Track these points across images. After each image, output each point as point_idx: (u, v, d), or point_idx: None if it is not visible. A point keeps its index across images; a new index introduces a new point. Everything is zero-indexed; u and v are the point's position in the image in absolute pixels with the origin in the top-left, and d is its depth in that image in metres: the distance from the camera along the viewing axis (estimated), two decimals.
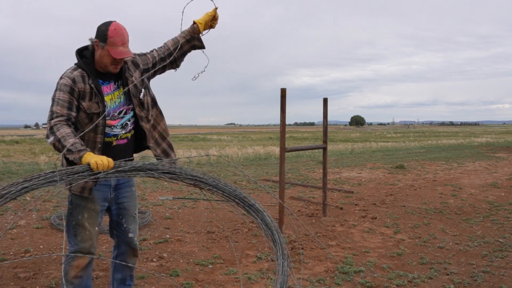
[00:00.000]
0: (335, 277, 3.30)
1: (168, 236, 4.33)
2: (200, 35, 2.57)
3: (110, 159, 2.09)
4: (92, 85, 2.31)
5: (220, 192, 2.23)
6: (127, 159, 2.25)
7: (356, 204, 6.20)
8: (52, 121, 2.22)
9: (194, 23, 2.55)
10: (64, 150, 2.14)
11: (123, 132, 2.45)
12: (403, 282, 3.22)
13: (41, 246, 3.94)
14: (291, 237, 4.38)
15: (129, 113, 2.46)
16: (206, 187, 2.23)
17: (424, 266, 3.59)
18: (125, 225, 2.62)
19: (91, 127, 2.28)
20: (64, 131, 2.19)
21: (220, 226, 4.79)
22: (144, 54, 2.55)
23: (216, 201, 6.26)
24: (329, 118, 5.44)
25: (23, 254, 3.70)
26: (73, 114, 2.28)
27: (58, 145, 2.20)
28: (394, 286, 3.15)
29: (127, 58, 2.42)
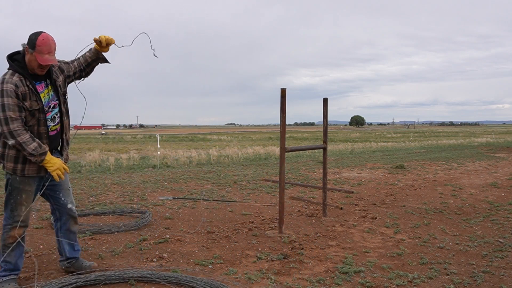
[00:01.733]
0: (335, 277, 3.30)
1: (168, 236, 4.33)
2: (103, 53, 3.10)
3: (65, 167, 2.79)
4: (30, 86, 2.75)
5: None
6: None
7: (356, 204, 6.20)
8: (11, 126, 2.64)
9: (94, 46, 3.06)
10: (26, 153, 2.66)
11: (53, 124, 2.93)
12: (403, 282, 3.22)
13: (41, 246, 3.94)
14: (291, 237, 4.38)
15: (56, 107, 2.95)
16: None
17: (424, 266, 3.59)
18: (63, 198, 3.09)
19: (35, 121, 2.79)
20: (25, 136, 2.67)
21: (220, 226, 4.79)
22: (68, 63, 3.06)
23: (216, 201, 6.27)
24: (329, 118, 5.44)
25: (23, 254, 3.70)
26: (23, 115, 2.70)
27: (19, 147, 2.67)
28: (394, 286, 3.15)
29: (58, 64, 2.95)
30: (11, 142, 2.66)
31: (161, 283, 3.03)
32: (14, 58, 2.78)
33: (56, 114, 2.95)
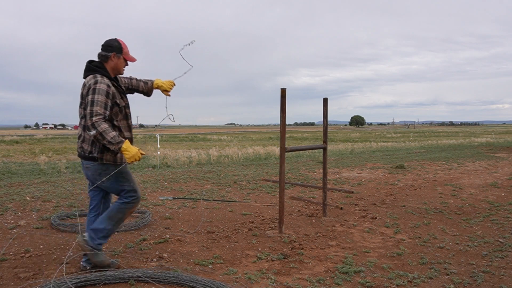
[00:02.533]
0: (335, 277, 3.30)
1: (168, 236, 4.33)
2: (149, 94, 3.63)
3: (138, 153, 3.04)
4: (117, 86, 3.19)
5: None
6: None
7: (356, 204, 6.20)
8: (94, 118, 2.94)
9: (153, 83, 3.57)
10: (105, 141, 2.95)
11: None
12: (403, 282, 3.22)
13: (41, 246, 3.94)
14: (291, 237, 4.38)
15: None
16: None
17: (424, 266, 3.59)
18: (110, 198, 3.56)
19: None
20: (104, 126, 2.95)
21: (220, 226, 4.79)
22: (123, 77, 3.45)
23: (216, 201, 6.27)
24: (329, 118, 5.44)
25: (23, 254, 3.70)
26: (107, 112, 3.04)
27: (99, 137, 2.94)
28: (394, 286, 3.15)
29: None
30: (92, 132, 2.94)
31: (161, 283, 3.03)
32: (93, 65, 3.16)
33: None
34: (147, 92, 3.60)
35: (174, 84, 3.59)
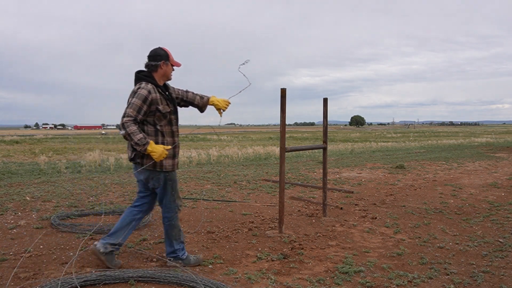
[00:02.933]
0: (335, 277, 3.30)
1: None
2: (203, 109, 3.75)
3: (164, 152, 3.17)
4: (162, 93, 3.32)
5: None
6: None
7: (356, 204, 6.20)
8: (124, 119, 3.12)
9: (208, 99, 3.70)
10: (132, 142, 3.11)
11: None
12: (403, 282, 3.22)
13: (41, 246, 3.94)
14: (291, 237, 4.38)
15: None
16: None
17: (424, 266, 3.59)
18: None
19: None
20: (133, 128, 3.10)
21: (220, 226, 4.79)
22: (177, 89, 3.63)
23: (216, 201, 6.26)
24: (329, 118, 5.44)
25: (23, 254, 3.70)
26: (140, 116, 3.18)
27: (128, 138, 3.11)
28: (394, 286, 3.15)
29: (167, 83, 3.51)
30: (121, 132, 3.13)
31: (161, 283, 3.03)
32: (142, 75, 3.34)
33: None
34: (201, 107, 3.72)
35: (229, 103, 3.73)
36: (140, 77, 3.34)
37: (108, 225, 4.58)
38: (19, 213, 5.28)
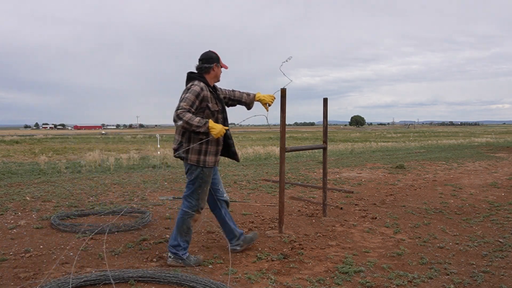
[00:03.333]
0: (335, 277, 3.30)
1: (168, 236, 4.32)
2: (251, 105, 3.98)
3: (223, 129, 3.37)
4: (213, 92, 3.53)
5: None
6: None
7: (356, 204, 6.20)
8: (178, 110, 3.29)
9: (255, 96, 3.92)
10: (194, 127, 3.28)
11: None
12: (403, 282, 3.22)
13: (41, 246, 3.94)
14: (291, 237, 4.38)
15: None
16: None
17: (424, 266, 3.59)
18: (221, 190, 3.82)
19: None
20: (188, 115, 3.28)
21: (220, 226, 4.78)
22: (225, 89, 3.84)
23: None
24: (329, 118, 5.44)
25: (23, 254, 3.70)
26: (192, 110, 3.35)
27: (186, 126, 3.28)
28: (394, 286, 3.15)
29: (215, 85, 3.71)
30: (179, 123, 3.27)
31: (161, 283, 3.03)
32: (194, 75, 3.56)
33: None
34: (249, 104, 3.93)
35: (275, 98, 3.95)
36: (192, 76, 3.57)
37: (108, 226, 4.58)
38: (19, 213, 5.28)
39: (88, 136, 60.89)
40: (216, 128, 3.33)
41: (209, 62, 3.56)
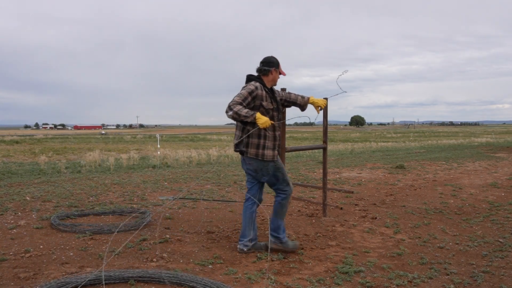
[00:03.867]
0: (335, 277, 3.30)
1: (168, 236, 4.33)
2: (304, 108, 4.24)
3: (269, 121, 3.56)
4: (268, 92, 3.80)
5: None
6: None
7: (356, 204, 6.20)
8: (230, 103, 3.55)
9: (309, 99, 4.19)
10: (242, 117, 3.52)
11: (277, 123, 3.90)
12: (403, 282, 3.22)
13: (41, 246, 3.94)
14: (291, 237, 4.38)
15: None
16: None
17: (424, 266, 3.59)
18: (262, 190, 4.05)
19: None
20: (238, 107, 3.53)
21: (220, 226, 4.79)
22: (278, 90, 4.09)
23: (216, 201, 6.26)
24: (329, 118, 5.43)
25: (23, 254, 3.70)
26: (243, 104, 3.58)
27: (236, 116, 3.53)
28: (394, 286, 3.15)
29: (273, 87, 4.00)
30: (229, 113, 3.53)
31: (161, 283, 3.03)
32: (253, 77, 3.83)
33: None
34: (303, 106, 4.19)
35: (326, 103, 4.28)
36: (250, 78, 3.84)
37: (108, 226, 4.58)
38: (19, 213, 5.28)
39: (88, 136, 60.91)
40: (262, 119, 3.54)
41: (269, 66, 3.82)
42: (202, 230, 4.63)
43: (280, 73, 3.91)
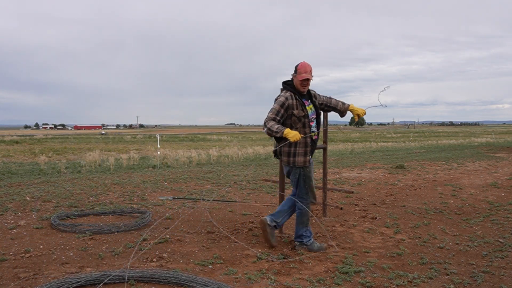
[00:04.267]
0: (335, 277, 3.30)
1: (168, 236, 4.33)
2: (343, 114, 4.35)
3: (298, 133, 3.66)
4: (298, 99, 3.92)
5: None
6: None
7: (356, 204, 6.19)
8: (265, 119, 3.82)
9: (349, 106, 4.28)
10: (274, 133, 3.73)
11: (316, 131, 4.05)
12: (403, 282, 3.22)
13: (41, 246, 3.94)
14: (291, 237, 4.38)
15: (315, 120, 4.08)
16: None
17: (424, 266, 3.59)
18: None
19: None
20: (271, 123, 3.77)
21: (220, 226, 4.79)
22: (320, 95, 4.21)
23: (216, 201, 6.26)
24: (329, 118, 5.43)
25: (23, 254, 3.70)
26: (277, 118, 3.83)
27: (269, 132, 3.76)
28: (394, 286, 3.15)
29: (313, 92, 4.13)
30: (264, 130, 3.80)
31: (161, 283, 3.03)
32: (287, 83, 4.00)
33: (315, 126, 4.07)
34: (343, 112, 4.29)
35: (365, 113, 4.32)
36: (283, 85, 4.05)
37: (108, 226, 4.58)
38: (19, 213, 5.28)
39: (88, 136, 60.92)
40: (291, 133, 3.68)
41: (294, 71, 3.96)
42: (202, 230, 4.63)
43: (299, 78, 3.92)
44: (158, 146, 14.37)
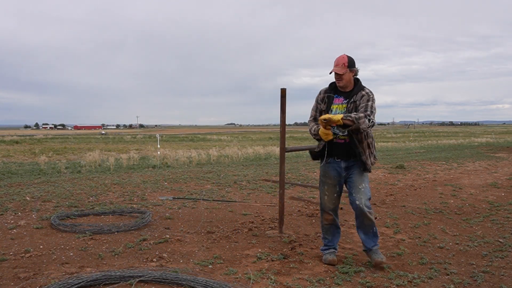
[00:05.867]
0: (335, 277, 3.30)
1: (168, 236, 4.33)
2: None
3: (329, 134, 3.49)
4: (326, 95, 3.72)
5: None
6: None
7: None
8: (308, 119, 3.80)
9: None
10: (312, 135, 3.69)
11: (341, 134, 3.60)
12: (403, 282, 3.22)
13: (41, 246, 3.94)
14: (291, 237, 4.38)
15: None
16: None
17: (424, 266, 3.60)
18: (353, 195, 3.66)
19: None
20: (311, 124, 3.72)
21: (220, 226, 4.79)
22: (364, 104, 3.60)
23: (216, 201, 6.26)
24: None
25: (23, 254, 3.70)
26: (313, 113, 3.78)
27: (309, 132, 3.72)
28: (394, 286, 3.15)
29: (367, 94, 3.64)
30: (308, 130, 3.75)
31: (161, 283, 3.03)
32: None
33: (337, 128, 3.60)
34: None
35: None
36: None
37: (108, 226, 4.58)
38: (19, 213, 5.28)
39: (88, 136, 60.91)
40: (323, 134, 3.53)
41: None
42: (202, 230, 4.63)
43: (333, 72, 3.65)
44: (158, 146, 14.36)
